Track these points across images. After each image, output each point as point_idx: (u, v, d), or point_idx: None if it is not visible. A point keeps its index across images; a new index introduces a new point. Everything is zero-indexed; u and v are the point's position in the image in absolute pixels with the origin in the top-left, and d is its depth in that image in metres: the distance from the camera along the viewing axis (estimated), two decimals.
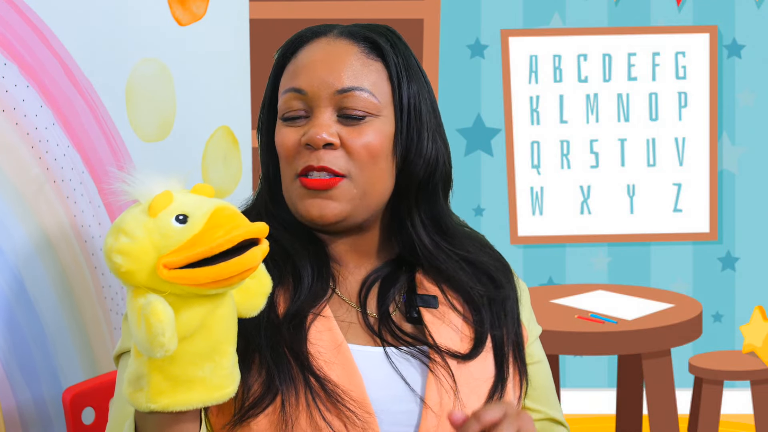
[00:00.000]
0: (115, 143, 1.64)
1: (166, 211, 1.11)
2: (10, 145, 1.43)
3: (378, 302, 1.40)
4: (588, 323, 3.17)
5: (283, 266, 1.37)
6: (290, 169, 1.38)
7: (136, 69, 1.68)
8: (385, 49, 1.39)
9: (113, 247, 1.11)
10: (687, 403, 4.18)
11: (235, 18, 1.97)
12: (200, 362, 1.13)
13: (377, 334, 1.37)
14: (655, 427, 3.19)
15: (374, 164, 1.37)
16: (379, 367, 1.34)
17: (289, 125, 1.38)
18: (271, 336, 1.31)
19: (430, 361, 1.35)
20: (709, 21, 4.37)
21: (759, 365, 3.44)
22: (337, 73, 1.37)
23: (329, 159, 1.35)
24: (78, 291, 1.56)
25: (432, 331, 1.37)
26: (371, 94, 1.37)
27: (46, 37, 1.49)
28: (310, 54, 1.39)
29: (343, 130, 1.36)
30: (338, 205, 1.36)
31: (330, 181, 1.35)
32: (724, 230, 4.45)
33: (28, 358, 1.47)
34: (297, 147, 1.37)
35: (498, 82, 4.41)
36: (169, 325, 1.07)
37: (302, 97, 1.37)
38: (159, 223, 1.10)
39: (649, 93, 4.42)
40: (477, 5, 4.38)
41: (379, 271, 1.42)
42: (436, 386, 1.34)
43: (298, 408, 1.28)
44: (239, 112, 2.00)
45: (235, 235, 1.08)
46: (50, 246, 1.51)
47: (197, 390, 1.14)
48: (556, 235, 4.44)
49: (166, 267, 1.08)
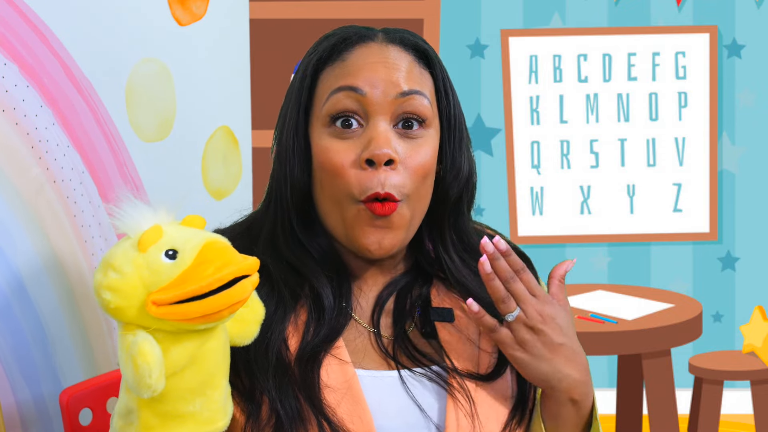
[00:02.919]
0: (115, 143, 1.64)
1: (155, 246, 1.09)
2: (10, 145, 1.43)
3: (393, 320, 1.34)
4: (588, 323, 3.17)
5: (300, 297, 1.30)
6: (343, 188, 1.27)
7: (136, 69, 1.68)
8: (433, 60, 1.33)
9: (102, 283, 1.09)
10: (687, 403, 4.18)
11: (235, 18, 1.97)
12: (190, 397, 1.12)
13: (392, 356, 1.30)
14: (655, 427, 3.19)
15: (424, 183, 1.30)
16: (392, 395, 1.28)
17: (338, 135, 1.28)
18: (281, 377, 1.25)
19: (449, 385, 1.29)
20: (709, 21, 4.37)
21: (759, 365, 3.45)
22: (399, 74, 1.28)
23: (392, 184, 1.26)
24: (78, 291, 1.56)
25: (449, 351, 1.31)
26: (429, 101, 1.30)
27: (46, 37, 1.49)
28: (364, 56, 1.29)
29: (399, 145, 1.27)
30: (396, 235, 1.29)
31: (392, 206, 1.27)
32: (724, 230, 4.45)
33: (27, 358, 1.47)
34: (350, 165, 1.27)
35: (498, 82, 4.41)
36: (156, 366, 1.06)
37: (360, 97, 1.27)
38: (148, 259, 1.09)
39: (649, 93, 4.42)
40: (477, 5, 4.38)
41: (394, 284, 1.36)
42: (455, 411, 1.28)
43: None
44: (239, 112, 2.00)
45: (227, 273, 1.07)
46: (50, 246, 1.51)
47: (187, 425, 1.12)
48: (556, 235, 4.44)
49: (155, 304, 1.06)
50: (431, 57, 1.33)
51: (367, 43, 1.31)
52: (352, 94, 1.27)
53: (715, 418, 3.43)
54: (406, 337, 1.32)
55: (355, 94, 1.27)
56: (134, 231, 1.11)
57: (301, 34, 3.77)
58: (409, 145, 1.28)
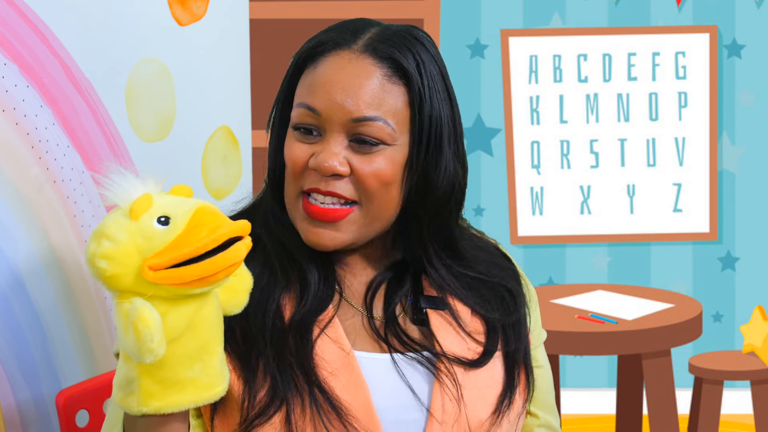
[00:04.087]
0: (115, 143, 1.64)
1: (147, 213, 1.10)
2: (10, 145, 1.43)
3: (384, 305, 1.37)
4: (588, 323, 3.17)
5: (291, 271, 1.35)
6: (295, 184, 1.33)
7: (136, 69, 1.68)
8: (409, 72, 1.32)
9: (96, 252, 1.10)
10: (687, 403, 4.18)
11: (235, 18, 1.97)
12: (189, 363, 1.13)
13: (384, 339, 1.34)
14: (655, 427, 3.19)
15: (385, 192, 1.32)
16: (386, 375, 1.32)
17: (300, 139, 1.33)
18: (276, 343, 1.30)
19: (437, 369, 1.33)
20: (709, 21, 4.37)
21: (759, 365, 3.44)
22: (354, 99, 1.30)
23: (339, 185, 1.30)
24: (78, 291, 1.56)
25: (439, 337, 1.35)
26: (387, 124, 1.31)
27: (46, 37, 1.49)
28: (329, 70, 1.32)
29: (354, 157, 1.31)
30: (341, 236, 1.32)
31: (338, 213, 1.31)
32: (724, 230, 4.45)
33: (27, 358, 1.47)
34: (305, 164, 1.32)
35: (498, 82, 4.41)
36: (157, 330, 1.07)
37: (316, 116, 1.32)
38: (141, 226, 1.10)
39: (649, 93, 4.42)
40: (477, 5, 4.38)
41: (385, 273, 1.39)
42: (441, 395, 1.32)
43: (305, 420, 1.27)
44: (239, 112, 2.00)
45: (220, 234, 1.09)
46: (50, 246, 1.51)
47: (188, 391, 1.14)
48: (556, 235, 4.44)
49: (151, 269, 1.07)
50: (407, 70, 1.32)
51: (340, 51, 1.33)
52: (309, 112, 1.32)
53: (715, 418, 3.43)
54: (396, 322, 1.36)
55: (312, 113, 1.32)
56: (124, 201, 1.12)
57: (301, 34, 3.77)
58: (363, 157, 1.31)
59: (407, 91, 1.32)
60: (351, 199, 1.31)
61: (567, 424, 4.24)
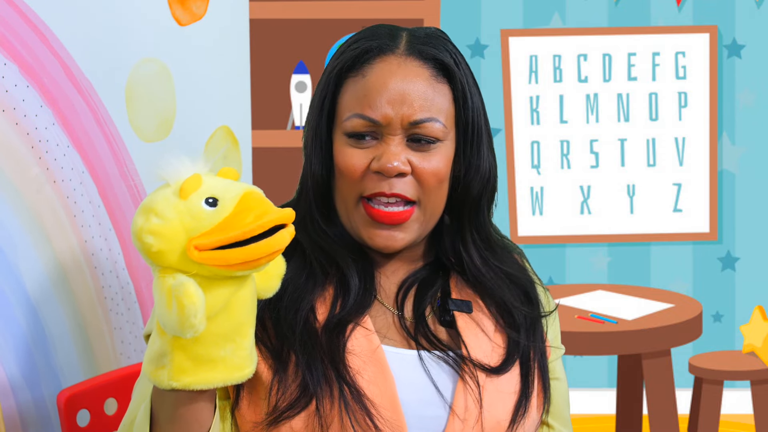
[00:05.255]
0: (115, 143, 1.64)
1: (196, 193, 1.12)
2: (10, 145, 1.43)
3: (414, 305, 1.42)
4: (588, 323, 3.17)
5: (329, 271, 1.39)
6: (354, 190, 1.37)
7: (136, 69, 1.68)
8: (452, 71, 1.39)
9: (144, 228, 1.12)
10: (687, 403, 4.18)
11: (235, 18, 1.97)
12: (222, 343, 1.15)
13: (413, 337, 1.39)
14: (655, 427, 3.19)
15: (439, 188, 1.38)
16: (412, 370, 1.36)
17: (354, 145, 1.37)
18: (308, 340, 1.33)
19: (461, 370, 1.37)
20: (709, 21, 4.37)
21: (759, 365, 3.44)
22: (410, 103, 1.36)
23: (401, 187, 1.36)
24: (78, 291, 1.56)
25: (465, 339, 1.39)
26: (440, 123, 1.37)
27: (46, 37, 1.49)
28: (379, 77, 1.37)
29: (412, 156, 1.37)
30: (406, 236, 1.38)
31: (403, 215, 1.37)
32: (724, 230, 4.45)
33: (28, 359, 1.47)
34: (364, 170, 1.36)
35: (498, 82, 4.41)
36: (200, 306, 1.09)
37: (374, 125, 1.36)
38: (189, 206, 1.12)
39: (649, 93, 4.42)
40: (477, 5, 4.38)
41: (417, 274, 1.44)
42: (464, 394, 1.35)
43: (332, 413, 1.30)
44: (239, 112, 2.00)
45: (267, 221, 1.11)
46: (50, 246, 1.51)
47: (218, 369, 1.15)
48: (556, 235, 4.44)
49: (197, 248, 1.09)
50: (450, 68, 1.39)
51: (386, 57, 1.38)
52: (366, 122, 1.36)
53: (715, 418, 3.43)
54: (425, 322, 1.40)
55: (370, 122, 1.36)
56: (174, 178, 1.14)
57: (301, 34, 3.77)
58: (421, 155, 1.37)
59: (451, 89, 1.39)
60: (411, 199, 1.37)
61: None
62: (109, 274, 1.62)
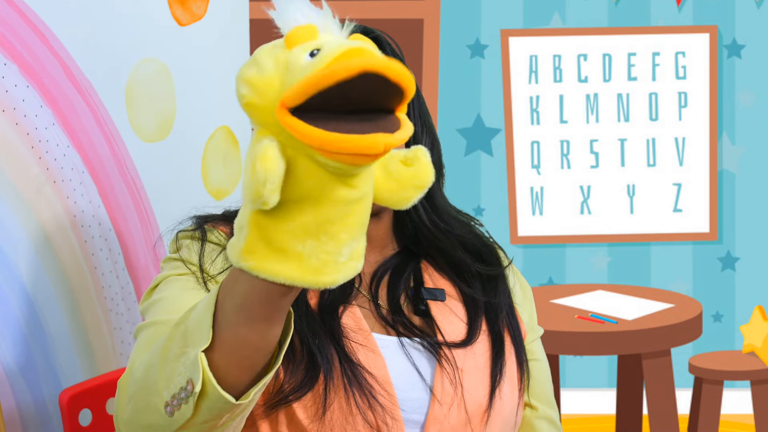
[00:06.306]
0: (115, 143, 1.64)
1: (302, 45, 0.96)
2: (10, 145, 1.43)
3: (389, 293, 1.46)
4: (588, 323, 3.17)
5: None
6: None
7: (136, 69, 1.68)
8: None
9: (242, 76, 0.98)
10: (687, 403, 4.18)
11: (235, 18, 1.97)
12: (302, 235, 0.96)
13: (391, 325, 1.43)
14: (655, 427, 3.19)
15: None
16: (396, 355, 1.40)
17: None
18: (308, 324, 1.37)
19: (438, 355, 1.41)
20: (709, 21, 4.37)
21: (759, 365, 3.45)
22: None
23: None
24: (78, 291, 1.56)
25: (440, 325, 1.44)
26: None
27: (46, 37, 1.49)
28: None
29: None
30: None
31: None
32: (724, 230, 4.45)
33: (28, 359, 1.47)
34: None
35: (498, 82, 4.41)
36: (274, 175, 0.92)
37: None
38: (291, 57, 0.95)
39: (649, 93, 4.42)
40: (477, 5, 4.38)
41: (388, 262, 1.48)
42: (441, 378, 1.40)
43: (337, 394, 1.34)
44: (239, 112, 1.99)
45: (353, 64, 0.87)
46: (50, 246, 1.51)
47: (290, 264, 0.96)
48: (556, 235, 4.44)
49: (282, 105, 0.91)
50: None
51: None
52: None
53: (715, 418, 3.43)
54: (401, 311, 1.45)
55: None
56: (287, 28, 0.98)
57: None
58: None
59: None
60: None
61: (567, 424, 4.24)
62: (109, 274, 1.62)
